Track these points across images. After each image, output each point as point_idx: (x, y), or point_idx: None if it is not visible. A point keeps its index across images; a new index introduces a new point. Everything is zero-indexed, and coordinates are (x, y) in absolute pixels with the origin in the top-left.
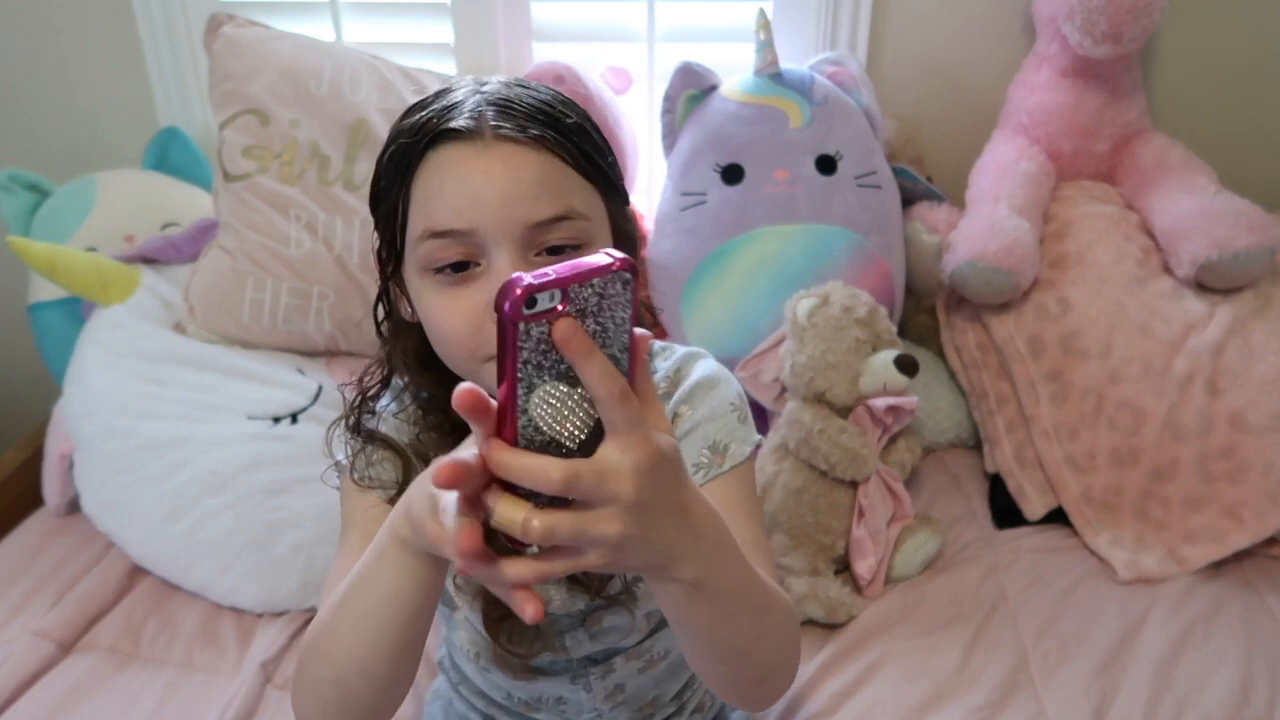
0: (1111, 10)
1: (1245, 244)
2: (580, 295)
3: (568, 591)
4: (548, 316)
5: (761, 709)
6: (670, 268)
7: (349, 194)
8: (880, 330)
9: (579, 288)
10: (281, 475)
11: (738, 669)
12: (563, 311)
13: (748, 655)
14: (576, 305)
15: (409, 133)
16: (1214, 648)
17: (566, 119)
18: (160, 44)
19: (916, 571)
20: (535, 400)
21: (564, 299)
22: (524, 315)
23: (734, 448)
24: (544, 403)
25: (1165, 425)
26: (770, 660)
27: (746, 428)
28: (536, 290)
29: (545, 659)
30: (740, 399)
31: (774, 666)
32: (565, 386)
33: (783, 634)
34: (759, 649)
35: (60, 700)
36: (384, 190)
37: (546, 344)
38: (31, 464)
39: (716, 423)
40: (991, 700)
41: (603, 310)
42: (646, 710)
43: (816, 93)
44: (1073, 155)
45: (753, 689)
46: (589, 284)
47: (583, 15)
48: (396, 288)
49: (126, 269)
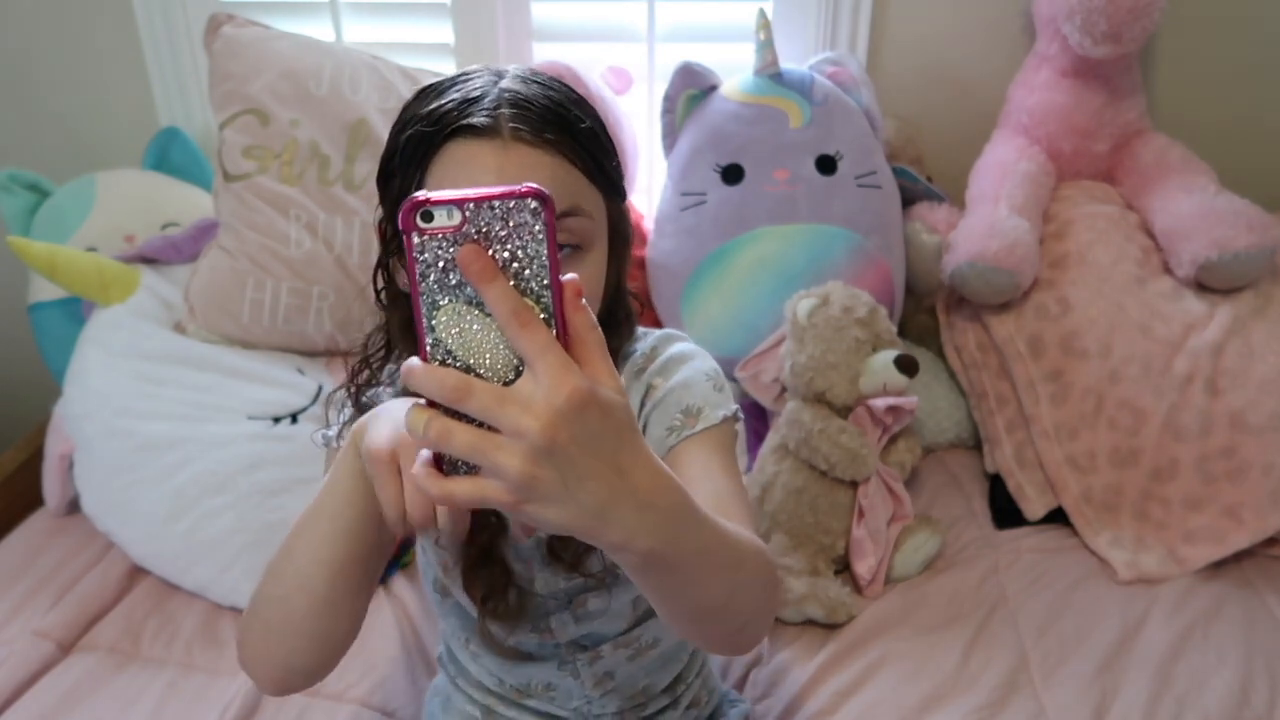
0: (1111, 10)
1: (1245, 244)
2: (480, 216)
3: (549, 568)
4: (444, 232)
5: (742, 654)
6: (670, 268)
7: (349, 194)
8: (880, 330)
9: (476, 207)
10: (281, 475)
11: (713, 625)
12: (460, 228)
13: (722, 611)
14: (476, 226)
15: (427, 120)
16: (1214, 648)
17: (580, 124)
18: (160, 44)
19: (916, 571)
20: (440, 320)
21: (462, 219)
22: (416, 226)
23: (707, 411)
24: (451, 324)
25: (1165, 425)
26: (746, 610)
27: (723, 396)
28: (432, 204)
29: (533, 642)
30: (717, 373)
31: (750, 615)
32: (479, 313)
33: (757, 585)
34: (733, 603)
35: (60, 700)
36: (396, 170)
37: (450, 267)
38: (31, 464)
39: (690, 390)
40: (991, 700)
41: (511, 239)
42: (637, 700)
43: (816, 93)
44: (1073, 155)
45: (731, 639)
46: (489, 205)
47: (583, 15)
48: (398, 262)
49: (126, 269)
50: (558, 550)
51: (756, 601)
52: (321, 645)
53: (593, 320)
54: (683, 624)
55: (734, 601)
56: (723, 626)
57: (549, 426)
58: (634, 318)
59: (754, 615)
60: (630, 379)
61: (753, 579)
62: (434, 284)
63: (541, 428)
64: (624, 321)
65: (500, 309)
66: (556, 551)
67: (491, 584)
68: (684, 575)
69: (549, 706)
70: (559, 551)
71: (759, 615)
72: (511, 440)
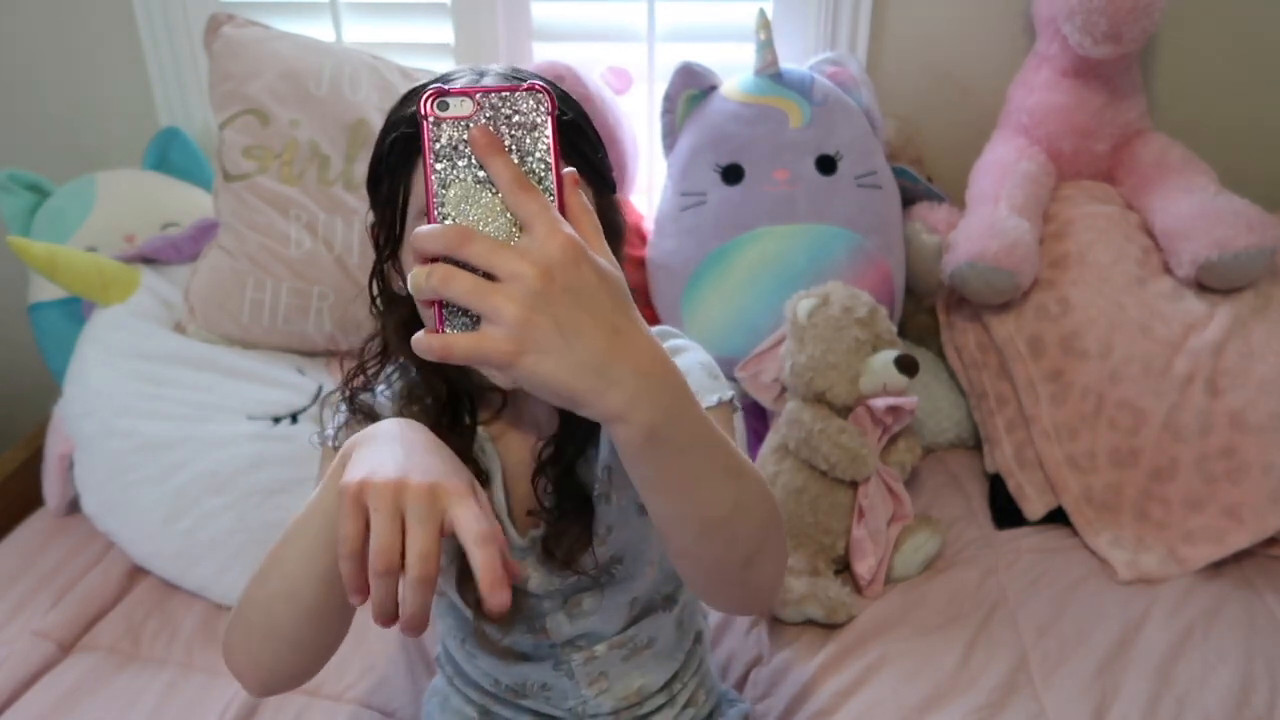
0: (1111, 10)
1: (1245, 244)
2: (488, 102)
3: (543, 567)
4: (458, 119)
5: (755, 609)
6: (670, 268)
7: (349, 194)
8: (880, 330)
9: (484, 95)
10: (281, 475)
11: (719, 545)
12: (471, 116)
13: (727, 525)
14: (486, 112)
15: (410, 122)
16: (1214, 648)
17: (563, 116)
18: (160, 44)
19: (916, 571)
20: (451, 197)
21: (474, 106)
22: (434, 113)
23: (704, 395)
24: (460, 200)
25: (1165, 425)
26: (752, 534)
27: (718, 383)
28: (447, 95)
29: (528, 642)
30: (711, 364)
31: (758, 544)
32: (486, 191)
33: (761, 508)
34: (737, 519)
35: (60, 700)
36: (383, 174)
37: (461, 149)
38: (31, 464)
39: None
40: (991, 700)
41: (515, 125)
42: (633, 700)
43: (816, 93)
44: (1073, 155)
45: (740, 575)
46: (499, 95)
47: (583, 15)
48: (393, 267)
49: (126, 269)
50: (551, 548)
51: (762, 529)
52: (307, 651)
53: (589, 206)
54: (689, 542)
55: (737, 517)
56: (730, 551)
57: (544, 271)
58: None
59: (760, 546)
60: None
61: (755, 497)
62: (446, 165)
63: (537, 273)
64: None
65: (503, 177)
66: (550, 549)
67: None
68: (685, 465)
69: (545, 706)
70: (553, 549)
71: (766, 550)
72: (509, 284)
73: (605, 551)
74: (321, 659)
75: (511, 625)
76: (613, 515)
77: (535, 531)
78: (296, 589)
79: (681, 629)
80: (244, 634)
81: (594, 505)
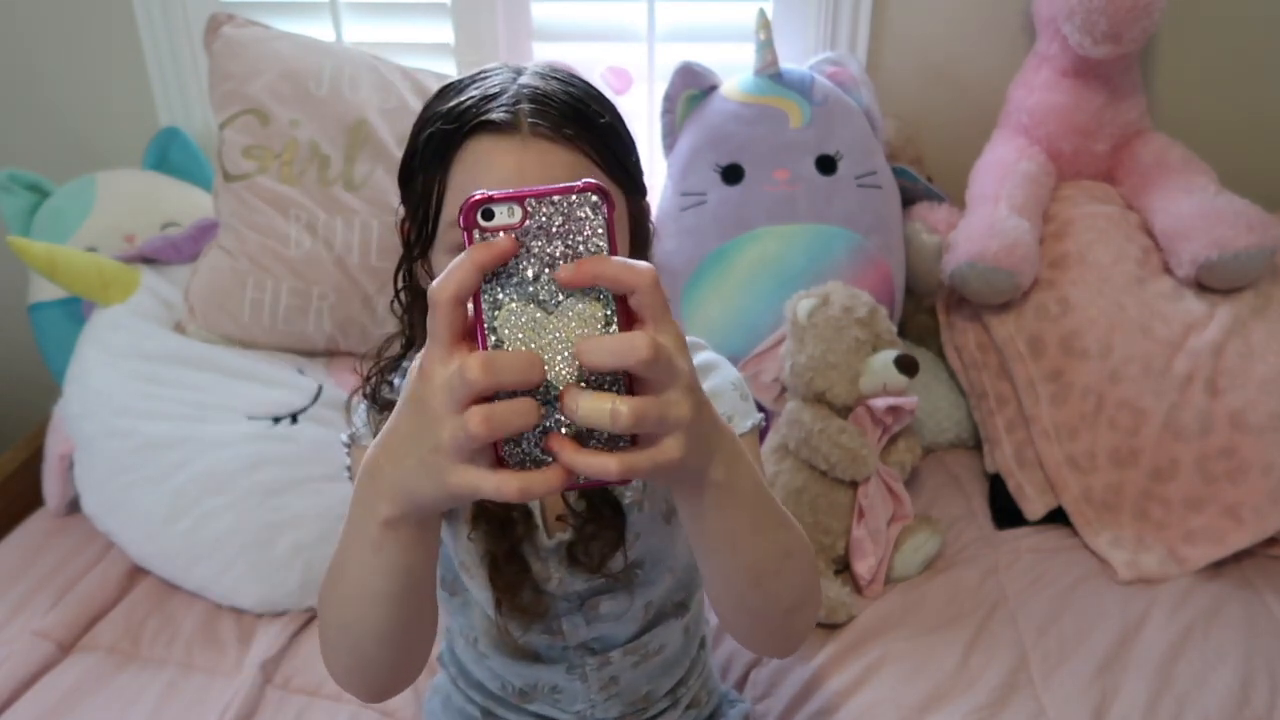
0: (1111, 10)
1: (1245, 244)
2: (540, 211)
3: (567, 568)
4: (506, 229)
5: (788, 651)
6: (670, 268)
7: (349, 194)
8: (880, 330)
9: (536, 202)
10: (281, 475)
11: (769, 593)
12: (521, 224)
13: (778, 575)
14: (536, 221)
15: (447, 117)
16: (1214, 648)
17: (599, 119)
18: (160, 44)
19: (916, 571)
20: (502, 318)
21: (523, 214)
22: (478, 224)
23: (737, 420)
24: (514, 322)
25: (1165, 425)
26: (798, 584)
27: (748, 405)
28: (492, 201)
29: (543, 643)
30: (741, 382)
31: (802, 593)
32: (542, 312)
33: (805, 558)
34: (787, 568)
35: (60, 700)
36: (417, 169)
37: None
38: (31, 464)
39: (718, 399)
40: (991, 700)
41: (570, 233)
42: (639, 704)
43: (816, 93)
44: (1073, 155)
45: (783, 621)
46: (550, 200)
47: (583, 15)
48: (422, 267)
49: (126, 269)
50: (578, 553)
51: (806, 577)
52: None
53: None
54: (742, 589)
55: (787, 568)
56: (778, 598)
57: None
58: None
59: (804, 596)
60: None
61: (801, 545)
62: (496, 284)
63: (688, 368)
64: None
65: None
66: (577, 553)
67: (509, 581)
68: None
69: (551, 710)
70: (580, 553)
71: (807, 600)
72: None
73: (630, 556)
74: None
75: (530, 624)
76: (642, 523)
77: (563, 535)
78: (364, 614)
79: (688, 635)
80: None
81: (626, 513)
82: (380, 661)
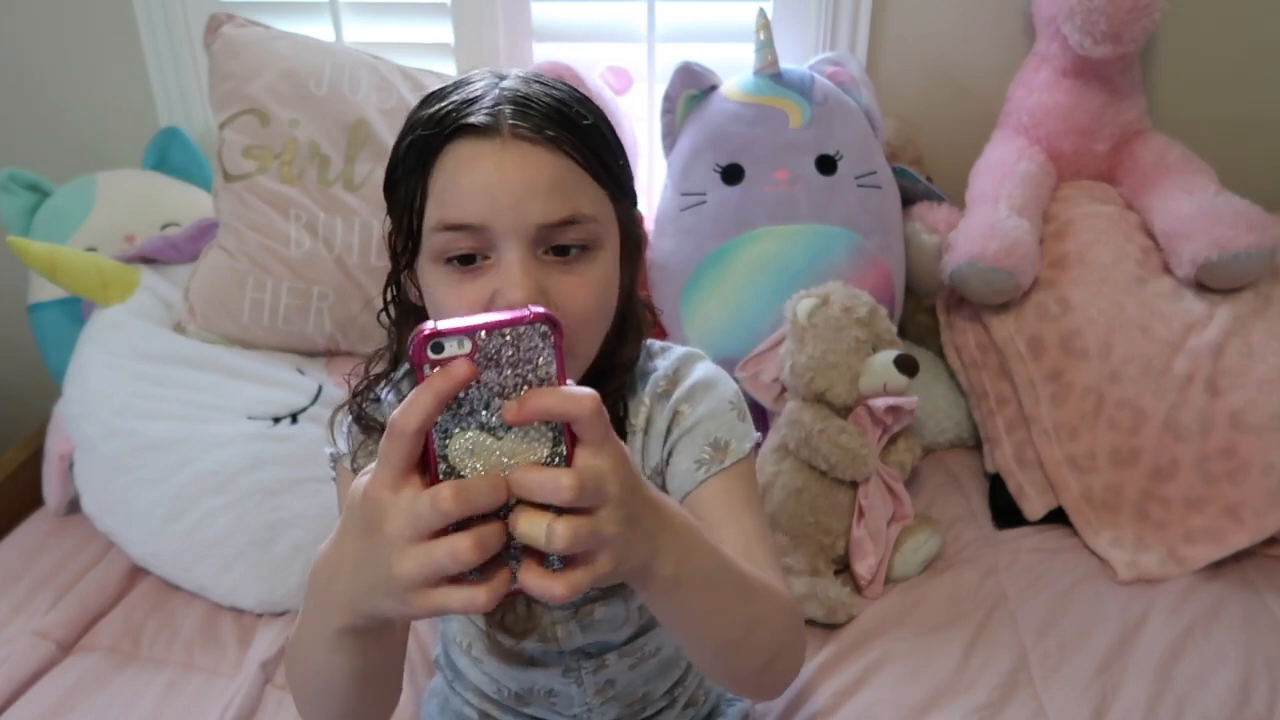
0: (1111, 10)
1: (1245, 244)
2: (490, 344)
3: None
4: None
5: (772, 697)
6: (670, 268)
7: (349, 194)
8: (880, 330)
9: (487, 336)
10: (281, 475)
11: (736, 659)
12: (470, 357)
13: (743, 644)
14: (486, 354)
15: (428, 124)
16: (1214, 648)
17: (583, 120)
18: (160, 44)
19: (916, 571)
20: (454, 448)
21: (473, 347)
22: (428, 359)
23: (735, 444)
24: (465, 451)
25: (1165, 425)
26: (768, 645)
27: (746, 425)
28: (441, 335)
29: (538, 649)
30: (738, 397)
31: (774, 652)
32: (493, 439)
33: (776, 620)
34: (753, 636)
35: (60, 700)
36: (401, 178)
37: (464, 397)
38: (31, 464)
39: (717, 420)
40: (991, 700)
41: (520, 362)
42: (636, 706)
43: (816, 93)
44: (1073, 155)
45: (758, 678)
46: (499, 332)
47: (583, 15)
48: (408, 276)
49: (126, 269)
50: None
51: (775, 639)
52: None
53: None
54: (708, 659)
55: (753, 634)
56: (747, 661)
57: (620, 486)
58: (644, 329)
59: (776, 653)
60: (655, 401)
61: (769, 614)
62: (447, 414)
63: (618, 488)
64: (634, 333)
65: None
66: None
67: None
68: (703, 599)
69: (548, 713)
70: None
71: (783, 653)
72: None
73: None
74: (388, 709)
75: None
76: None
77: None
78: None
79: None
80: (301, 702)
81: None
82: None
